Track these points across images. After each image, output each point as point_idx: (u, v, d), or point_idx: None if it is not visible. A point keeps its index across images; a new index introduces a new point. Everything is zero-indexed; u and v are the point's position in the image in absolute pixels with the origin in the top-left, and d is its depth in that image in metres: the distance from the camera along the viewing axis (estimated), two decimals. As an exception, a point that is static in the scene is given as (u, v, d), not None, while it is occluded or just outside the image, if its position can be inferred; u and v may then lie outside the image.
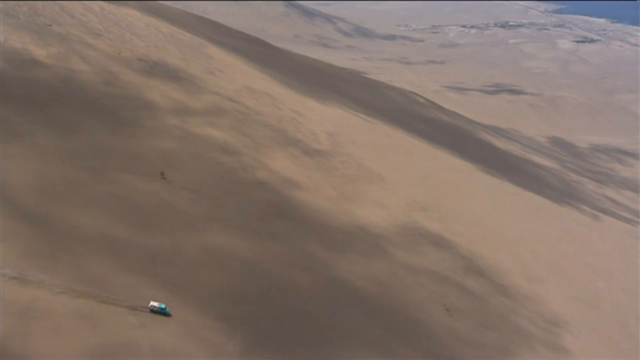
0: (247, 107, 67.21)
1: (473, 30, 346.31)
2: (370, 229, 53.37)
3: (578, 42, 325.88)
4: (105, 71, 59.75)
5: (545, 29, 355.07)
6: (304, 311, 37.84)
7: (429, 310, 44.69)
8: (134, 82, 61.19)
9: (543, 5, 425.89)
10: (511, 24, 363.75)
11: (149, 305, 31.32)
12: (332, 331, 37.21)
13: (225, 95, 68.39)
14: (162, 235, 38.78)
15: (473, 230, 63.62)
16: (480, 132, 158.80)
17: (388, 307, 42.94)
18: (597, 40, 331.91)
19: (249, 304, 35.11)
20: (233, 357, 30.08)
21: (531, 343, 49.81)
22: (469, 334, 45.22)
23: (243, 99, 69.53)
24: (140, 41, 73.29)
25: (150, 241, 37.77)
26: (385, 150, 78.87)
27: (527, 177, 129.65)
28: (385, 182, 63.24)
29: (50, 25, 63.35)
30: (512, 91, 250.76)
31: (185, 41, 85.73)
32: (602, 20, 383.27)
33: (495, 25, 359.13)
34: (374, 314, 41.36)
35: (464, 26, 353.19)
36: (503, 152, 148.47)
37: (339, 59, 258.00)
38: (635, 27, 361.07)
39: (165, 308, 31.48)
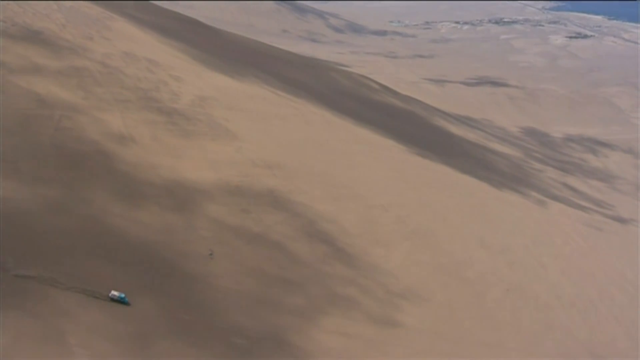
0: (108, 68, 63.74)
1: (466, 27, 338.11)
2: (188, 183, 49.31)
3: (570, 37, 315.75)
4: (-56, 27, 56.88)
5: (540, 25, 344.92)
6: (30, 240, 34.20)
7: (207, 264, 40.43)
8: (-21, 39, 58.20)
9: (542, 4, 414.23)
10: (505, 20, 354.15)
11: (110, 294, 32.86)
12: (55, 266, 33.45)
13: (90, 58, 65.01)
14: None
15: (327, 191, 58.95)
16: (437, 118, 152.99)
17: (156, 257, 38.86)
18: (591, 36, 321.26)
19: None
20: None
21: (350, 312, 44.57)
22: (253, 293, 40.60)
23: (110, 62, 66.08)
24: (18, 7, 70.38)
25: None
26: (274, 118, 74.64)
27: (470, 161, 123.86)
28: (235, 141, 59.01)
29: None
30: (494, 84, 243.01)
31: (87, 13, 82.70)
32: (598, 17, 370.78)
33: (490, 21, 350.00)
34: (128, 260, 37.41)
35: (457, 22, 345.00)
36: (455, 138, 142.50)
37: (323, 52, 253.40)
38: (631, 24, 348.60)
39: (124, 297, 32.87)
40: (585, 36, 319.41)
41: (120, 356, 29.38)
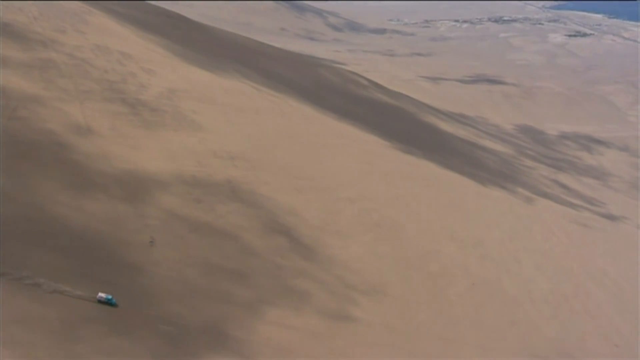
0: (75, 60, 63.20)
1: (465, 25, 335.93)
2: (142, 173, 48.61)
3: (570, 36, 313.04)
4: None
5: (539, 23, 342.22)
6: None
7: (149, 253, 39.69)
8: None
9: (542, 2, 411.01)
10: (505, 18, 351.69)
11: (97, 296, 33.22)
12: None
13: (58, 50, 64.53)
14: None
15: (292, 183, 58.07)
16: (427, 114, 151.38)
17: (96, 244, 38.18)
18: (590, 34, 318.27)
19: None
20: None
21: (301, 305, 42.74)
22: (194, 282, 39.53)
23: (79, 54, 65.58)
24: (-9, 0, 69.96)
25: None
26: (247, 111, 73.90)
27: (457, 157, 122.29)
28: (199, 132, 58.34)
29: None
30: (491, 81, 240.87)
31: (64, 7, 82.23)
32: (599, 16, 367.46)
33: (489, 20, 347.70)
34: (67, 247, 36.78)
35: (457, 21, 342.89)
36: (444, 134, 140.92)
37: (320, 50, 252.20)
38: (632, 23, 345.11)
39: (111, 299, 33.35)
40: (585, 34, 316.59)
41: (38, 340, 28.78)
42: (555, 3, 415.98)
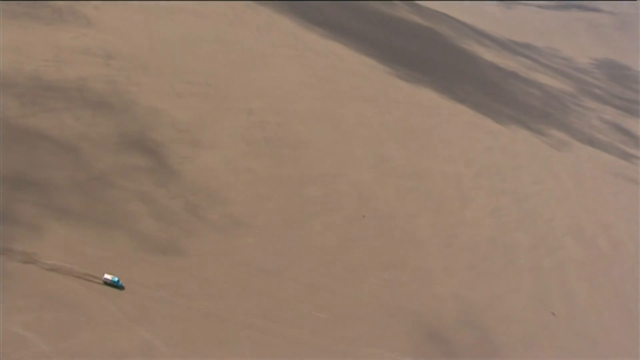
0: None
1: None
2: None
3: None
4: None
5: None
6: None
7: None
8: None
9: None
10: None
11: (103, 277, 32.19)
12: None
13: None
14: None
15: (176, 87, 50.22)
16: (465, 39, 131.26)
17: None
18: None
19: None
20: None
21: (115, 231, 36.08)
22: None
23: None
24: None
25: None
26: (183, 16, 66.14)
27: (478, 88, 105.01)
28: (85, 29, 51.92)
29: None
30: (581, 8, 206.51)
31: None
32: None
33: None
34: None
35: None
36: (479, 62, 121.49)
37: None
38: None
39: (118, 281, 32.45)
40: None
41: None
42: None
